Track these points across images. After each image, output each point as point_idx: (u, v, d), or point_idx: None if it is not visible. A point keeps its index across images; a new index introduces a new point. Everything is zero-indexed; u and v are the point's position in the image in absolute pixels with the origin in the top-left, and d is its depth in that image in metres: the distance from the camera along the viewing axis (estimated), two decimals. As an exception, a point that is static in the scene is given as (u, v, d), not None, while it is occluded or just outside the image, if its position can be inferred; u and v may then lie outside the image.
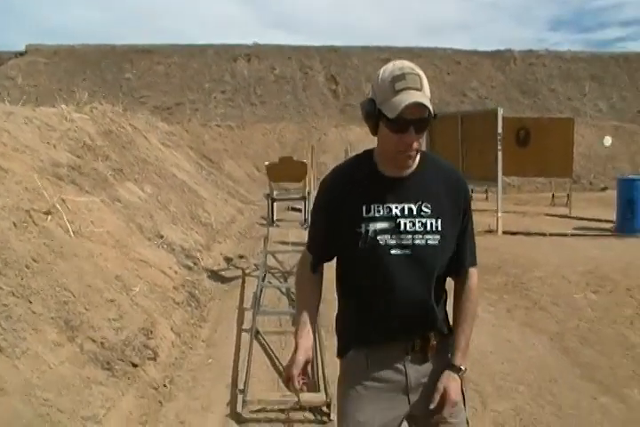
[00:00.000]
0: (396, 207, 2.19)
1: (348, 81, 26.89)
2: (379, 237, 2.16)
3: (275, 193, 11.08)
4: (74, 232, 5.60)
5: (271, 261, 8.72)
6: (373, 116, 2.09)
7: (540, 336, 5.89)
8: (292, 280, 8.17)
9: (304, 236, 7.59)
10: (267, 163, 11.97)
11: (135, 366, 4.54)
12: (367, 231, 2.16)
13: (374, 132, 2.16)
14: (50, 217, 5.44)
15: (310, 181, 11.70)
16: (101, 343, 4.43)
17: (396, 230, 2.17)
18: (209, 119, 23.74)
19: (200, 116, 23.90)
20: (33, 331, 3.87)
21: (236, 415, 4.43)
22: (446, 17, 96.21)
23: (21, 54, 26.47)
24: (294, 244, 9.48)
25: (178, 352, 5.41)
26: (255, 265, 8.82)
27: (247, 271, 8.67)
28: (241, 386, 4.72)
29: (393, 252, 2.16)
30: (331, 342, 5.83)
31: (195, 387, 4.88)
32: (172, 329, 5.70)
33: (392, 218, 2.17)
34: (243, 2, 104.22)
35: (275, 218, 11.26)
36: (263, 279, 7.68)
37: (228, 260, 9.28)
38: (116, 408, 3.96)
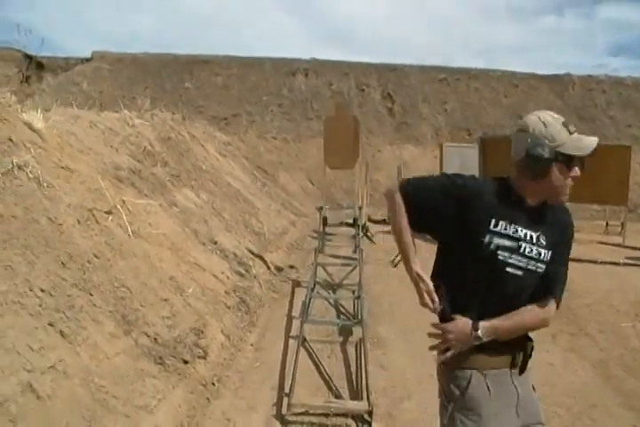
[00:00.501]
0: (522, 231, 2.39)
1: (404, 100, 26.94)
2: (499, 253, 2.35)
3: (326, 208, 11.16)
4: (132, 232, 5.80)
5: (321, 273, 8.85)
6: (550, 158, 2.36)
7: (583, 362, 5.89)
8: (339, 292, 8.30)
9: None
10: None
11: (186, 362, 4.70)
12: (490, 244, 2.35)
13: (546, 173, 2.38)
14: (111, 217, 5.65)
15: (363, 197, 11.82)
16: (155, 339, 4.60)
17: (516, 251, 2.37)
18: (265, 131, 24.00)
19: (256, 128, 24.16)
20: (93, 322, 4.05)
21: (280, 417, 4.55)
22: (505, 40, 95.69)
23: (87, 60, 27.13)
24: (344, 257, 9.62)
25: (227, 353, 5.56)
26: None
27: (297, 281, 8.81)
28: (286, 390, 4.84)
29: (508, 270, 2.37)
30: (374, 353, 5.96)
31: (241, 387, 5.01)
32: (222, 331, 5.85)
33: (516, 239, 2.37)
34: (300, 15, 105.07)
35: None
36: (312, 290, 7.81)
37: (278, 269, 9.43)
38: (167, 401, 4.12)
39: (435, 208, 2.46)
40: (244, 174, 16.08)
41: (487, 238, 2.33)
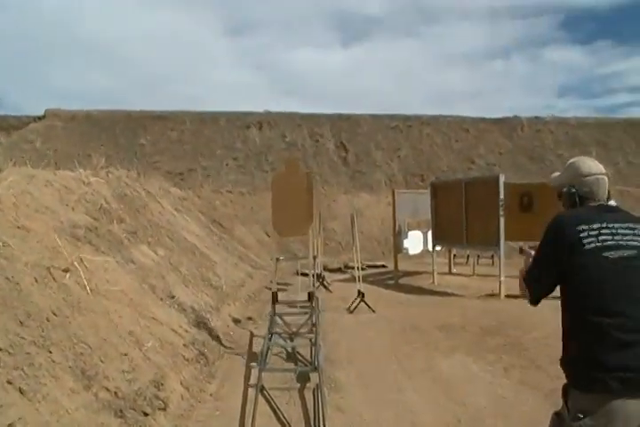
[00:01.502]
0: None
1: (358, 148, 27.40)
2: None
3: (281, 259, 11.21)
4: (91, 290, 5.91)
5: (278, 323, 8.98)
6: None
7: (535, 393, 6.07)
8: (297, 340, 8.42)
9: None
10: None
11: (146, 414, 4.78)
12: None
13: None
14: (68, 274, 5.76)
15: (318, 247, 12.02)
16: (115, 393, 4.69)
17: None
18: (221, 185, 24.21)
19: (212, 182, 24.36)
20: (52, 378, 4.14)
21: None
22: (455, 85, 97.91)
23: (40, 118, 27.21)
24: (301, 306, 9.76)
25: (187, 404, 5.64)
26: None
27: (255, 332, 8.92)
28: (247, 437, 4.96)
29: None
30: (332, 397, 6.09)
31: (202, 437, 5.11)
32: (181, 383, 5.94)
33: None
34: (255, 69, 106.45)
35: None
36: (270, 339, 7.94)
37: (236, 321, 9.54)
38: (128, 453, 4.21)
39: None
40: (201, 229, 16.22)
41: None
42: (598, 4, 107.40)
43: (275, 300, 8.26)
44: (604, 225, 2.71)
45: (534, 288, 2.91)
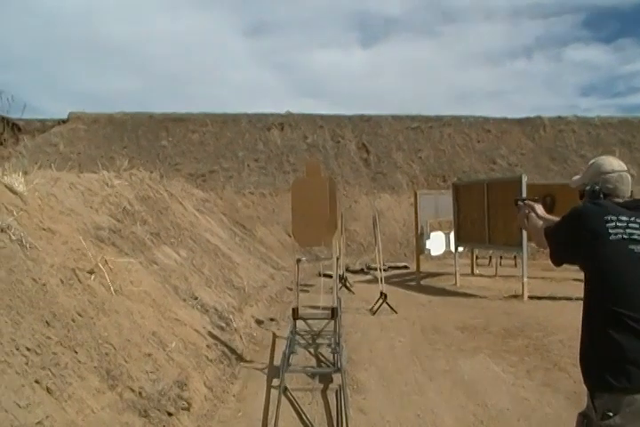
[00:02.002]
0: None
1: (379, 149, 27.37)
2: None
3: (304, 260, 11.09)
4: (114, 291, 5.97)
5: (301, 324, 9.01)
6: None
7: (557, 395, 6.04)
8: (319, 342, 8.45)
9: (331, 301, 7.93)
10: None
11: (170, 414, 4.83)
12: None
13: None
14: (93, 276, 5.83)
15: (340, 248, 12.02)
16: (139, 393, 4.74)
17: None
18: (242, 187, 24.28)
19: (233, 184, 24.43)
20: (78, 378, 4.20)
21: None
22: (476, 85, 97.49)
23: (64, 122, 27.43)
24: (324, 308, 9.77)
25: (210, 405, 5.69)
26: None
27: (277, 333, 8.96)
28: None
29: None
30: (354, 398, 6.11)
31: (225, 438, 5.15)
32: (204, 384, 5.99)
33: None
34: (275, 70, 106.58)
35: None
36: (292, 340, 7.98)
37: (258, 322, 9.59)
38: (153, 452, 4.25)
39: None
40: (223, 230, 16.31)
41: None
42: (620, 3, 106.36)
43: (295, 315, 7.74)
44: (632, 219, 2.69)
45: (556, 249, 2.95)
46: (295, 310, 7.66)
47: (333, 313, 7.76)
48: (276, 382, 6.45)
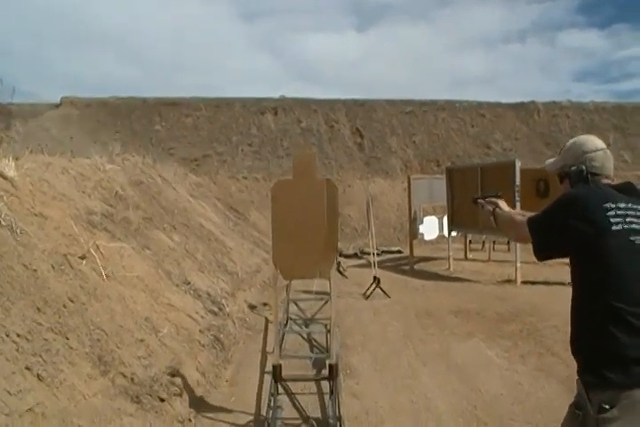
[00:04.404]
0: None
1: (373, 134, 27.31)
2: None
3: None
4: (106, 276, 5.94)
5: (294, 309, 9.01)
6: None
7: (550, 380, 6.06)
8: (312, 327, 8.45)
9: (325, 285, 7.87)
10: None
11: (162, 400, 4.82)
12: None
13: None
14: (85, 261, 5.80)
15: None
16: (131, 379, 4.73)
17: None
18: (236, 171, 24.22)
19: (227, 168, 24.38)
20: (69, 364, 4.18)
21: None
22: (470, 69, 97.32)
23: (56, 106, 27.28)
24: (317, 292, 9.77)
25: (203, 390, 5.68)
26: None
27: (270, 318, 8.95)
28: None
29: None
30: (347, 383, 6.11)
31: (218, 423, 5.13)
32: (197, 369, 5.98)
33: None
34: (269, 54, 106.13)
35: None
36: (285, 325, 7.98)
37: (251, 307, 9.58)
38: (145, 438, 4.24)
39: None
40: (216, 215, 16.26)
41: None
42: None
43: (277, 377, 5.47)
44: (630, 206, 2.53)
45: (543, 242, 2.68)
46: (277, 369, 5.47)
47: (331, 372, 5.45)
48: (269, 367, 6.44)
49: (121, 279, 6.24)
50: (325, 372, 6.20)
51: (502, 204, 3.20)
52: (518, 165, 12.08)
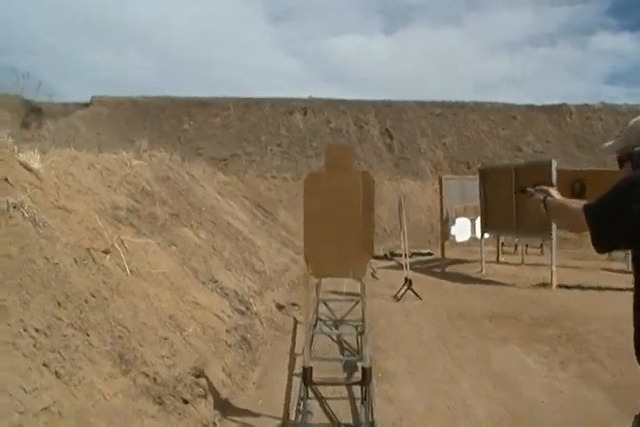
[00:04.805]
0: None
1: (402, 135, 27.06)
2: None
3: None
4: (130, 271, 5.73)
5: (323, 309, 8.75)
6: None
7: (593, 388, 5.75)
8: (342, 328, 8.20)
9: (355, 286, 7.57)
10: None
11: (186, 402, 4.59)
12: None
13: None
14: (108, 256, 5.59)
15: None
16: (154, 379, 4.50)
17: None
18: (264, 171, 24.08)
19: (256, 168, 24.25)
20: (89, 362, 3.96)
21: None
22: (500, 73, 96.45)
23: (86, 105, 27.34)
24: (347, 293, 9.51)
25: (228, 392, 5.45)
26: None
27: (299, 319, 8.71)
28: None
29: None
30: (381, 387, 5.85)
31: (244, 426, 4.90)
32: (223, 370, 5.74)
33: None
34: (298, 56, 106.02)
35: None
36: (314, 326, 7.72)
37: (279, 307, 9.34)
38: (167, 441, 4.01)
39: None
40: (244, 213, 16.05)
41: None
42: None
43: (307, 380, 5.21)
44: None
45: (603, 230, 2.35)
46: (307, 372, 5.20)
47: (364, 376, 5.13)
48: (297, 369, 6.20)
49: (145, 275, 6.02)
50: (357, 375, 5.93)
51: (554, 192, 2.92)
52: (554, 165, 11.73)
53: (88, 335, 4.23)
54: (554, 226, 11.57)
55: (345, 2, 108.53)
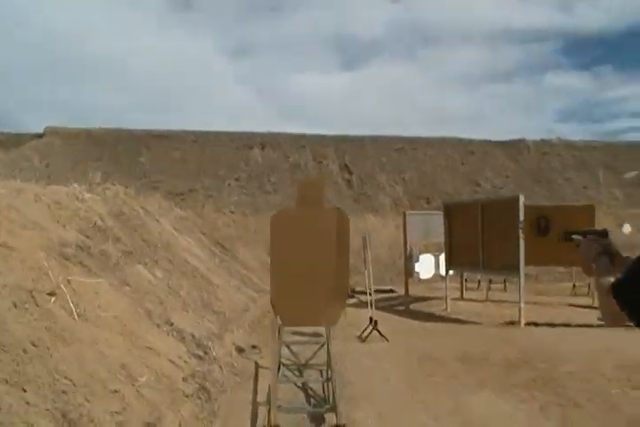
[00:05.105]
0: None
1: (361, 170, 26.92)
2: None
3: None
4: (78, 315, 5.23)
5: (285, 353, 8.23)
6: None
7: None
8: (307, 373, 7.71)
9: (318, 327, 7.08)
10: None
11: (138, 466, 4.08)
12: None
13: None
14: (53, 298, 5.09)
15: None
16: (101, 440, 3.98)
17: None
18: (222, 206, 23.66)
19: (213, 203, 23.83)
20: (24, 424, 3.44)
21: None
22: (456, 108, 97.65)
23: (39, 136, 26.77)
24: (310, 334, 9.02)
25: (185, 450, 4.94)
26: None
27: (260, 363, 8.19)
28: None
29: None
30: None
31: None
32: (179, 424, 5.21)
33: None
34: (257, 91, 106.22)
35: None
36: (278, 371, 7.20)
37: (240, 350, 8.81)
38: None
39: None
40: (202, 250, 15.51)
41: None
42: (600, 30, 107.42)
43: None
44: None
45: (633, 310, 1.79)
46: None
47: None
48: (261, 422, 5.69)
49: (94, 319, 5.51)
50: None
51: (612, 247, 2.20)
52: (522, 200, 11.45)
53: (25, 391, 3.72)
54: (521, 262, 11.28)
55: (304, 39, 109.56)
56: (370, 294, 10.82)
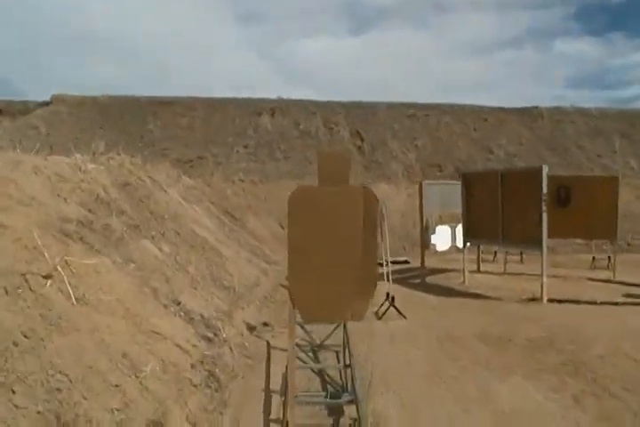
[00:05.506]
0: None
1: (373, 137, 26.30)
2: None
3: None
4: (77, 300, 4.79)
5: (300, 332, 7.78)
6: None
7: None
8: (322, 356, 7.28)
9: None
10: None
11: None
12: None
13: None
14: (50, 282, 4.64)
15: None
16: (100, 445, 3.57)
17: None
18: (231, 174, 23.13)
19: (222, 171, 23.30)
20: (9, 435, 3.03)
21: None
22: (466, 74, 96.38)
23: (47, 104, 26.28)
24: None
25: (194, 448, 4.53)
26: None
27: (272, 343, 7.77)
28: None
29: None
30: None
31: None
32: (187, 419, 4.79)
33: None
34: (267, 58, 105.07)
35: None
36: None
37: (251, 329, 8.40)
38: None
39: None
40: (210, 220, 15.06)
41: None
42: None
43: None
44: None
45: None
46: None
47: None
48: (274, 413, 5.28)
49: (95, 303, 5.07)
50: (344, 421, 5.05)
51: None
52: (545, 171, 10.89)
53: (13, 393, 3.30)
54: (544, 236, 10.80)
55: (313, 4, 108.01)
56: (388, 267, 10.28)
